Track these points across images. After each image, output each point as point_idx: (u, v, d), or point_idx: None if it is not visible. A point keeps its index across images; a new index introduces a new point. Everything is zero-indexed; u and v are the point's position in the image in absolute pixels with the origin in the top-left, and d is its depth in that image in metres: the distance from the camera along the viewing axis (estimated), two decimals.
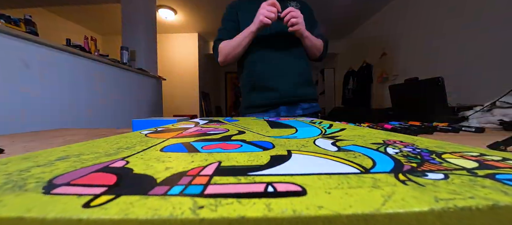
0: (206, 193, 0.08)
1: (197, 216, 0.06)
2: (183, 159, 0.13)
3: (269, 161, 0.13)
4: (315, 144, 0.17)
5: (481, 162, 0.12)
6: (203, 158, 0.13)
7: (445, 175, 0.10)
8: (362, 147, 0.16)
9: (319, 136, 0.21)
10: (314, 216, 0.06)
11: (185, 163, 0.12)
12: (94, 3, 2.83)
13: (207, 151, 0.15)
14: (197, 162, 0.12)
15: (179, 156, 0.14)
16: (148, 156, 0.14)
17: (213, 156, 0.14)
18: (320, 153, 0.14)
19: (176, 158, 0.13)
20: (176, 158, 0.13)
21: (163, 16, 3.35)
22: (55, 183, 0.09)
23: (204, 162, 0.12)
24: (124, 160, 0.13)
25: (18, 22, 1.22)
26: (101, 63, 1.64)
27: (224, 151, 0.15)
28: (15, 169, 0.11)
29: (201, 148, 0.16)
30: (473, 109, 0.84)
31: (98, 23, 3.69)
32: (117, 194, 0.08)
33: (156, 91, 2.50)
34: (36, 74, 1.17)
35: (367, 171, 0.10)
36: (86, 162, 0.12)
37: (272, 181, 0.09)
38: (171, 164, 0.12)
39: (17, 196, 0.08)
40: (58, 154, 0.15)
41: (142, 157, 0.14)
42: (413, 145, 0.17)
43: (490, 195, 0.07)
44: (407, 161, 0.12)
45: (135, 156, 0.14)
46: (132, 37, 2.34)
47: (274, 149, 0.16)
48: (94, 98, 1.56)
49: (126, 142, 0.19)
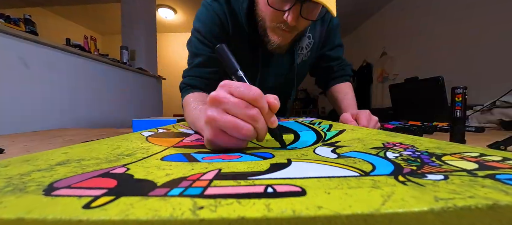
0: (206, 194, 0.08)
1: (197, 216, 0.06)
2: (183, 167, 0.13)
3: (269, 167, 0.12)
4: (315, 153, 0.17)
5: (481, 163, 0.12)
6: (203, 167, 0.13)
7: (445, 176, 0.10)
8: (362, 153, 0.16)
9: (319, 144, 0.21)
10: (313, 216, 0.06)
11: (185, 170, 0.12)
12: (94, 2, 2.83)
13: (207, 161, 0.15)
14: (197, 170, 0.12)
15: (179, 165, 0.14)
16: (148, 164, 0.14)
17: (213, 165, 0.13)
18: (320, 160, 0.14)
19: (176, 166, 0.13)
20: (176, 166, 0.13)
21: (163, 15, 3.34)
22: (56, 186, 0.09)
23: (204, 169, 0.12)
24: (124, 167, 0.13)
25: (18, 21, 1.22)
26: (101, 63, 1.64)
27: (224, 160, 0.15)
28: (15, 173, 0.11)
29: (201, 159, 0.16)
30: (473, 109, 0.84)
31: (98, 23, 3.68)
32: (117, 196, 0.08)
33: (156, 91, 2.50)
34: (36, 74, 1.17)
35: (367, 174, 0.10)
36: (86, 168, 0.12)
37: (272, 183, 0.09)
38: (171, 171, 0.12)
39: (17, 197, 0.08)
40: (58, 157, 0.14)
41: (143, 164, 0.13)
42: (413, 147, 0.17)
43: (490, 194, 0.07)
44: (407, 164, 0.12)
45: (135, 164, 0.14)
46: (132, 36, 2.34)
47: (274, 158, 0.15)
48: (94, 98, 1.56)
49: (127, 147, 0.19)
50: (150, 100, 2.36)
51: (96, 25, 3.79)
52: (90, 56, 1.54)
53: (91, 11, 3.23)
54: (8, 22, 1.16)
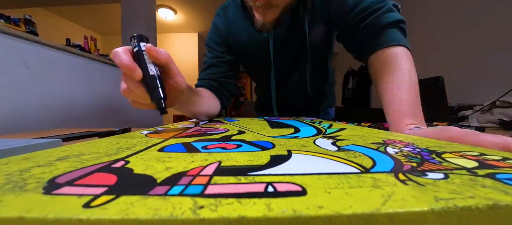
0: (206, 193, 0.08)
1: (197, 216, 0.06)
2: (183, 159, 0.13)
3: (269, 161, 0.13)
4: (315, 144, 0.17)
5: (481, 161, 0.12)
6: (203, 158, 0.13)
7: (445, 174, 0.10)
8: (362, 146, 0.16)
9: (319, 136, 0.21)
10: (314, 216, 0.06)
11: (185, 163, 0.12)
12: (94, 3, 2.83)
13: (207, 151, 0.15)
14: (197, 162, 0.12)
15: (179, 156, 0.14)
16: (148, 156, 0.14)
17: (213, 156, 0.14)
18: (320, 153, 0.14)
19: (176, 158, 0.13)
20: (176, 158, 0.13)
21: (163, 16, 3.34)
22: (56, 183, 0.09)
23: (204, 162, 0.12)
24: (124, 160, 0.13)
25: (18, 22, 1.22)
26: (101, 63, 1.64)
27: (224, 151, 0.15)
28: (15, 169, 0.11)
29: (201, 148, 0.16)
30: (473, 109, 0.84)
31: (98, 23, 3.69)
32: (117, 194, 0.08)
33: None
34: (36, 74, 1.17)
35: (367, 170, 0.10)
36: (86, 162, 0.12)
37: (272, 181, 0.09)
38: (171, 164, 0.12)
39: (17, 196, 0.08)
40: (58, 154, 0.15)
41: (142, 157, 0.14)
42: (414, 145, 0.17)
43: (490, 194, 0.07)
44: (407, 160, 0.12)
45: (135, 156, 0.14)
46: None
47: (274, 149, 0.16)
48: (94, 98, 1.56)
49: (126, 142, 0.19)
50: None
51: (96, 25, 3.79)
52: (90, 56, 1.54)
53: (91, 11, 3.24)
54: (8, 23, 1.16)
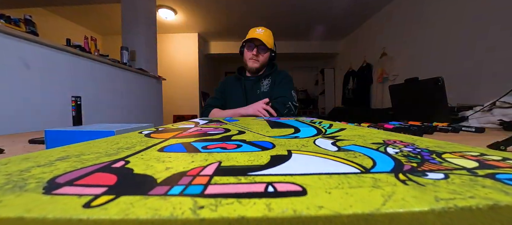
0: (206, 193, 0.08)
1: (197, 216, 0.06)
2: (183, 159, 0.13)
3: (269, 161, 0.13)
4: (315, 144, 0.17)
5: (481, 162, 0.12)
6: (203, 158, 0.13)
7: (446, 175, 0.10)
8: (362, 147, 0.16)
9: (319, 136, 0.21)
10: (314, 216, 0.06)
11: (185, 163, 0.12)
12: (94, 3, 2.83)
13: (207, 151, 0.15)
14: (197, 162, 0.12)
15: (179, 156, 0.14)
16: (148, 156, 0.14)
17: (213, 156, 0.14)
18: (320, 153, 0.14)
19: (176, 158, 0.13)
20: (176, 158, 0.13)
21: (163, 16, 3.34)
22: (56, 183, 0.09)
23: (204, 162, 0.12)
24: (124, 160, 0.13)
25: (18, 22, 1.22)
26: (101, 63, 1.64)
27: (224, 151, 0.15)
28: (15, 169, 0.11)
29: (201, 148, 0.16)
30: (473, 109, 0.84)
31: (98, 23, 3.68)
32: (117, 194, 0.08)
33: (156, 91, 2.50)
34: (36, 74, 1.17)
35: (367, 171, 0.10)
36: (86, 162, 0.12)
37: (272, 181, 0.09)
38: (171, 164, 0.12)
39: (17, 196, 0.08)
40: (58, 154, 0.15)
41: (142, 157, 0.14)
42: (414, 145, 0.17)
43: (490, 194, 0.07)
44: (407, 161, 0.12)
45: (135, 156, 0.14)
46: (132, 37, 2.34)
47: (274, 149, 0.16)
48: (94, 98, 1.56)
49: (126, 142, 0.19)
50: (150, 101, 2.36)
51: (96, 26, 3.79)
52: (90, 56, 1.54)
53: (91, 11, 3.23)
54: (8, 23, 1.16)
